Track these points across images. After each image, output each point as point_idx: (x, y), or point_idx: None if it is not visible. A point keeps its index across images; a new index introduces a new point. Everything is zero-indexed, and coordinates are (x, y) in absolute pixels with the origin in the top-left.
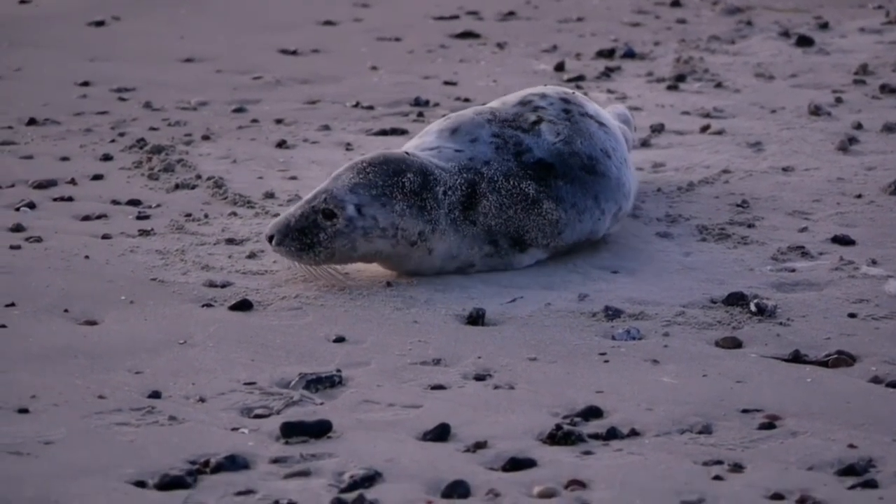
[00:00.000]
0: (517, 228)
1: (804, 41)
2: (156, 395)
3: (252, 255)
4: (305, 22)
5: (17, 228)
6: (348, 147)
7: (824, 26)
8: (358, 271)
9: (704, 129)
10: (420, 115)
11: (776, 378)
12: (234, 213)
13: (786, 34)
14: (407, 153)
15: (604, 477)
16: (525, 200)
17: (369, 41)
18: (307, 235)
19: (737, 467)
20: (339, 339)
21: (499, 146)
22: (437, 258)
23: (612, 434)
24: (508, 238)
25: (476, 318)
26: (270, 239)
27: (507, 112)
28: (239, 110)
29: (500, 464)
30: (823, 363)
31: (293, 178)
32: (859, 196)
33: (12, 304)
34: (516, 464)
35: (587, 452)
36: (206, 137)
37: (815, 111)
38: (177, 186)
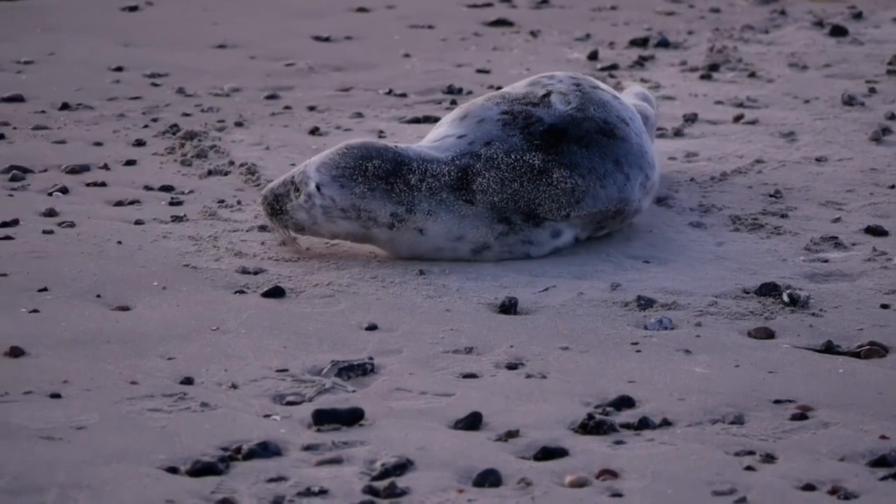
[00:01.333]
0: (527, 202)
1: (838, 31)
2: (188, 381)
3: (284, 242)
4: (338, 9)
5: (50, 213)
6: (381, 134)
7: (858, 16)
8: (389, 260)
9: (738, 118)
10: (453, 102)
11: (808, 369)
12: None
13: (819, 24)
14: (395, 145)
15: (635, 467)
16: (531, 172)
17: (402, 28)
18: (279, 202)
19: (769, 458)
20: (372, 327)
21: (506, 122)
22: (435, 238)
23: (643, 424)
24: (520, 214)
25: (508, 307)
26: (262, 197)
27: (517, 92)
28: (272, 97)
29: (531, 453)
30: (856, 354)
31: None
32: (893, 186)
33: (45, 290)
34: (548, 453)
35: (619, 442)
36: (238, 124)
37: (849, 101)
38: (209, 173)
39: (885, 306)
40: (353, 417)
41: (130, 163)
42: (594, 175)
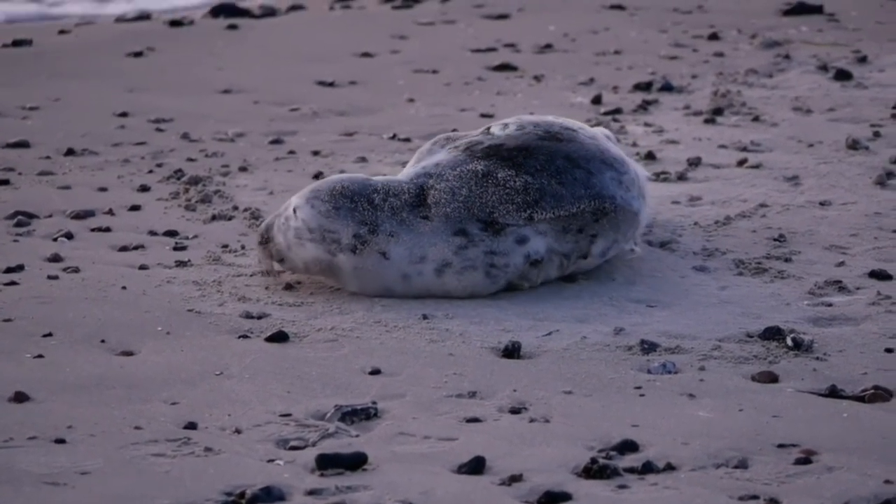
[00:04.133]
0: (480, 208)
1: (842, 75)
2: (192, 425)
3: (288, 287)
4: (343, 54)
5: (55, 259)
6: None
7: (862, 60)
8: (392, 304)
9: (741, 162)
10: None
11: (812, 413)
12: None
13: (824, 68)
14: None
15: None
16: (476, 177)
17: (406, 73)
18: (268, 231)
19: (773, 502)
20: (375, 372)
21: (451, 151)
22: (399, 262)
23: (647, 468)
24: (477, 222)
25: (512, 351)
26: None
27: (461, 133)
28: (276, 142)
29: (535, 497)
30: (860, 398)
31: None
32: None
33: (49, 335)
34: (552, 497)
35: (623, 486)
36: (243, 169)
37: (853, 145)
38: (214, 217)
39: (889, 350)
40: (356, 462)
41: (135, 208)
42: (545, 173)
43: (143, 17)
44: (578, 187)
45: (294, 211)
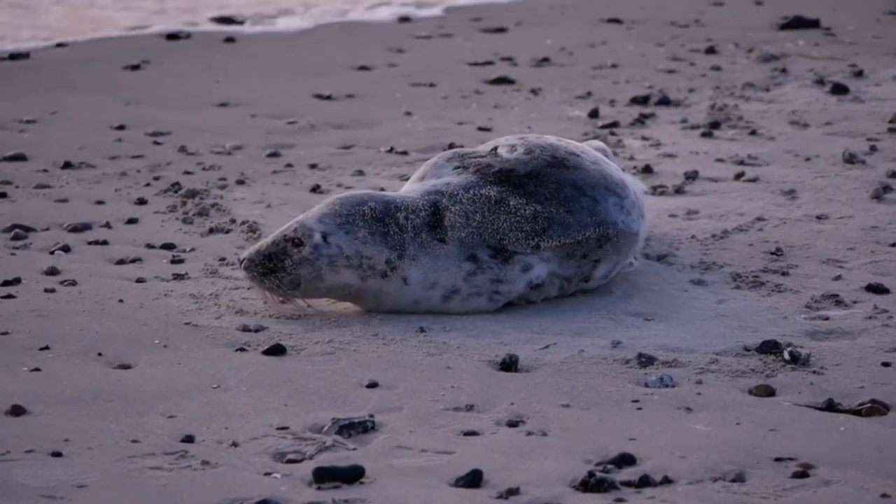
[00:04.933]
0: (492, 234)
1: (839, 89)
2: (189, 439)
3: (285, 300)
4: (340, 67)
5: (52, 272)
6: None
7: (859, 74)
8: (390, 318)
9: (738, 176)
10: None
11: (809, 426)
12: None
13: (820, 82)
14: (363, 191)
15: None
16: (489, 202)
17: (404, 86)
18: (272, 261)
19: None
20: (372, 385)
21: (460, 171)
22: (415, 287)
23: (644, 482)
24: (487, 249)
25: (509, 365)
26: (241, 262)
27: (468, 150)
28: (273, 155)
29: None
30: (857, 412)
31: None
32: (894, 245)
33: (46, 348)
34: None
35: (620, 500)
36: (240, 182)
37: (850, 159)
38: (211, 230)
39: (886, 364)
40: (353, 475)
41: (132, 221)
42: (554, 201)
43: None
44: (585, 215)
45: (325, 238)
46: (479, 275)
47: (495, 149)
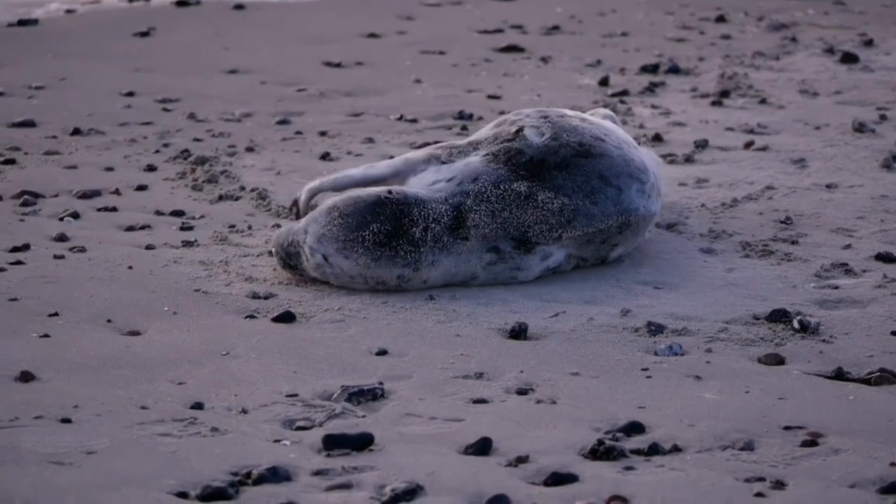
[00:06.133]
0: (517, 227)
1: (849, 58)
2: (198, 406)
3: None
4: (350, 34)
5: (61, 238)
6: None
7: (869, 43)
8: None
9: (748, 145)
10: (464, 128)
11: (819, 395)
12: (278, 225)
13: (830, 51)
14: (389, 193)
15: (645, 493)
16: (518, 199)
17: (413, 54)
18: (291, 259)
19: (779, 484)
20: (382, 352)
21: (490, 160)
22: (435, 282)
23: (653, 450)
24: (510, 241)
25: (518, 333)
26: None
27: (488, 135)
28: (283, 122)
29: (541, 478)
30: (866, 381)
31: None
32: None
33: (56, 314)
34: (558, 478)
35: (629, 468)
36: (249, 149)
37: (859, 128)
38: (220, 198)
39: (895, 333)
40: (363, 443)
41: (142, 188)
42: (581, 193)
43: None
44: (609, 205)
45: (325, 259)
46: (500, 264)
47: (520, 130)
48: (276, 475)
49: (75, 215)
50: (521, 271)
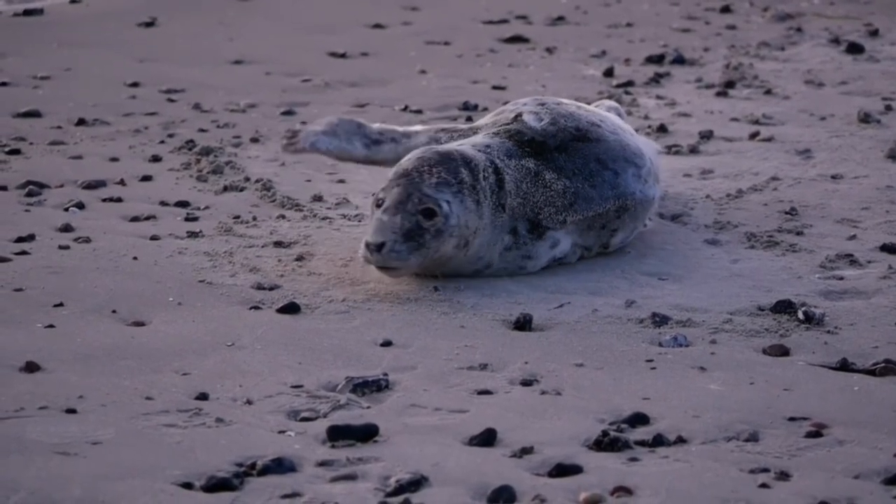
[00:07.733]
0: (532, 207)
1: (854, 48)
2: (203, 396)
3: (300, 258)
4: (354, 25)
5: (66, 229)
6: None
7: (874, 34)
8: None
9: (753, 135)
10: (469, 119)
11: (823, 386)
12: (283, 216)
13: (836, 41)
14: (456, 148)
15: (650, 484)
16: (529, 174)
17: (418, 45)
18: (413, 238)
19: (783, 475)
20: (387, 343)
21: (493, 136)
22: (470, 257)
23: (658, 441)
24: (527, 222)
25: (523, 324)
26: (379, 247)
27: (488, 122)
28: (288, 113)
29: (546, 469)
30: (871, 372)
31: (341, 181)
32: None
33: (61, 304)
34: (562, 470)
35: (633, 459)
36: (254, 140)
37: (865, 119)
38: (225, 188)
39: None
40: (367, 433)
41: (146, 178)
42: (580, 176)
43: None
44: (606, 188)
45: (450, 206)
46: (514, 251)
47: (519, 115)
48: (280, 466)
49: (80, 206)
50: (530, 260)
